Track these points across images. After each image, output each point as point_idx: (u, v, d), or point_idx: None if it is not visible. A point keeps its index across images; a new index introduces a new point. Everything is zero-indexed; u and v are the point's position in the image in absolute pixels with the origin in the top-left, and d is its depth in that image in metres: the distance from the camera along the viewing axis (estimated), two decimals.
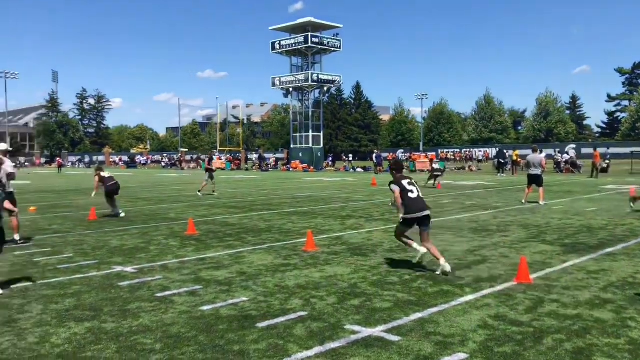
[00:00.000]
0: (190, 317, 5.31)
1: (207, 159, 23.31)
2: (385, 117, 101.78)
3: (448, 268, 6.99)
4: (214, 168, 22.32)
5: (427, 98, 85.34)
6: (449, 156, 64.31)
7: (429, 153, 58.89)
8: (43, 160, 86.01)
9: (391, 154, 67.64)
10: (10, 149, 10.39)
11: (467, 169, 46.73)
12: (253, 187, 26.08)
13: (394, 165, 7.92)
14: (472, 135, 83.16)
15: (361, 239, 9.94)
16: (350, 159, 58.06)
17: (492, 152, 59.18)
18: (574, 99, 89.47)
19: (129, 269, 7.52)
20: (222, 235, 10.60)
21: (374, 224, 12.08)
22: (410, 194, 7.37)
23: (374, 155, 45.77)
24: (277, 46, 56.88)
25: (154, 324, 5.08)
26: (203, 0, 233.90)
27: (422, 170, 43.71)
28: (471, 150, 68.43)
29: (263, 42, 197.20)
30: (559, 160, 40.81)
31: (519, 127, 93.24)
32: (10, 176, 9.78)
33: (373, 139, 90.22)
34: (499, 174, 36.46)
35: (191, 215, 13.79)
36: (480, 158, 61.53)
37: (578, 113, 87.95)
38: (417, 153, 60.97)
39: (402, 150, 74.30)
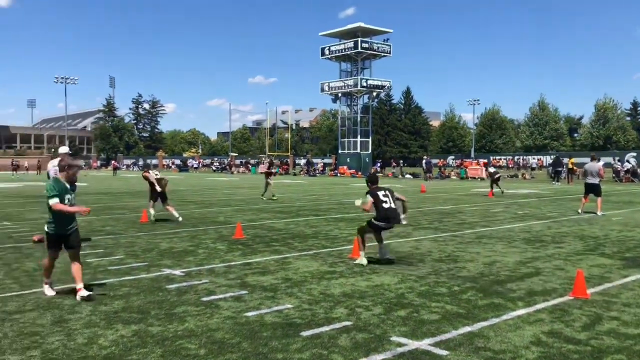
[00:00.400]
0: (234, 322, 5.29)
1: (267, 164, 23.43)
2: (435, 123, 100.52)
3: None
4: (273, 172, 22.38)
5: (479, 104, 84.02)
6: (500, 163, 62.81)
7: (480, 160, 57.67)
8: (99, 163, 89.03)
9: (441, 159, 66.68)
10: (70, 152, 10.74)
11: (520, 176, 45.49)
12: (300, 192, 26.15)
13: (369, 178, 8.87)
14: (526, 142, 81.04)
15: (409, 248, 9.76)
16: (401, 164, 57.41)
17: (547, 159, 57.47)
18: (634, 105, 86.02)
19: (177, 272, 7.60)
20: (269, 240, 10.62)
21: (422, 232, 11.86)
22: (384, 204, 8.22)
23: (424, 161, 45.16)
24: (327, 52, 57.06)
25: (199, 329, 5.09)
26: (255, 8, 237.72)
27: (474, 178, 42.84)
28: (524, 157, 66.68)
29: (313, 48, 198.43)
30: (619, 169, 39.16)
31: (575, 134, 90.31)
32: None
33: (423, 145, 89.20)
34: (553, 182, 35.32)
35: (239, 219, 13.92)
36: (534, 166, 59.84)
37: (639, 120, 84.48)
38: (469, 160, 59.86)
39: (452, 157, 73.20)
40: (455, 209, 17.45)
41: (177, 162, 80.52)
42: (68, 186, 6.42)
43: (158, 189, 13.53)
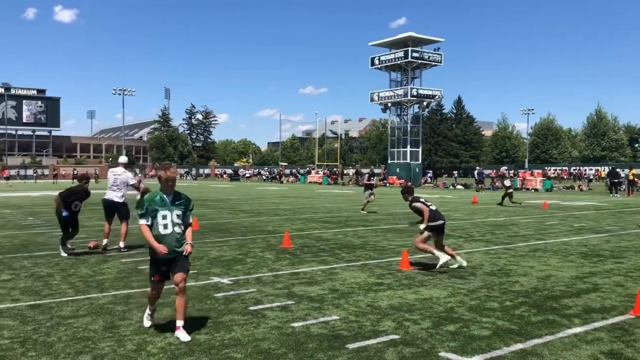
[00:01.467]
0: (280, 333, 5.28)
1: (366, 175, 21.94)
2: (487, 133, 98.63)
3: (463, 262, 8.72)
4: (374, 184, 21.55)
5: (533, 113, 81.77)
6: (556, 174, 60.89)
7: (535, 171, 56.05)
8: (154, 172, 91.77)
9: (493, 170, 65.22)
10: (128, 161, 11.07)
11: (576, 188, 43.93)
12: (349, 202, 26.07)
13: (406, 191, 9.47)
14: (584, 153, 78.35)
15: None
16: (456, 175, 56.40)
17: (605, 170, 55.35)
18: None
19: (225, 280, 7.67)
20: (316, 250, 10.60)
21: (473, 244, 11.58)
22: (431, 207, 8.93)
23: (476, 171, 44.27)
24: (377, 61, 56.97)
25: (245, 338, 5.10)
26: (307, 21, 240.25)
27: (528, 189, 41.69)
28: (581, 168, 64.42)
29: (363, 59, 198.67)
30: None
31: (637, 145, 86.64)
32: (137, 186, 10.41)
33: (474, 155, 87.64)
34: (611, 195, 33.91)
35: (288, 228, 13.97)
36: (591, 177, 57.71)
37: None
38: (522, 170, 58.32)
39: (505, 167, 71.52)
40: (508, 220, 16.98)
41: (229, 171, 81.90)
42: (167, 199, 5.17)
43: None
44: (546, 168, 65.61)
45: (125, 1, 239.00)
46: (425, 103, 57.89)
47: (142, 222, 5.15)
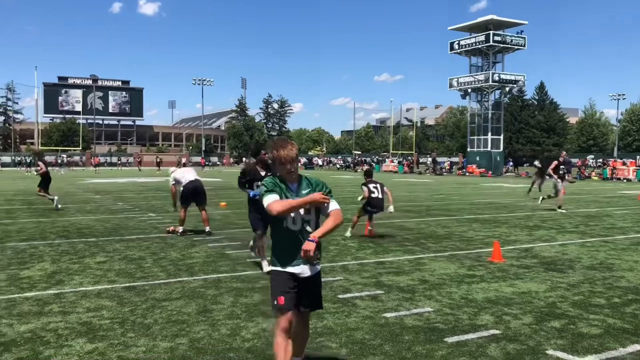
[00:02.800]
0: (373, 323, 5.11)
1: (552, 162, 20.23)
2: (572, 120, 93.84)
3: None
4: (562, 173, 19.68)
5: (624, 99, 76.93)
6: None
7: (626, 160, 52.79)
8: (232, 160, 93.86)
9: (580, 159, 61.98)
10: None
11: None
12: (428, 191, 25.51)
13: (365, 172, 11.06)
14: None
15: (554, 253, 8.98)
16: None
17: None
18: None
19: None
20: (400, 239, 10.34)
21: (567, 236, 10.92)
22: (372, 194, 10.37)
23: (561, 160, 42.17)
24: (456, 46, 55.36)
25: (338, 327, 4.97)
26: (382, 6, 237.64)
27: (619, 178, 39.30)
28: None
29: (440, 44, 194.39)
30: None
31: None
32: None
33: (558, 143, 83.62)
34: None
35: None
36: None
37: None
38: (611, 159, 55.09)
39: (592, 156, 67.81)
40: (601, 211, 15.97)
41: (303, 160, 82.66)
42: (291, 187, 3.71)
43: None
44: (639, 157, 61.59)
45: None
46: (507, 89, 55.74)
47: (273, 198, 3.53)
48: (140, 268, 7.47)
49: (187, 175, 10.68)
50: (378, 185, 10.50)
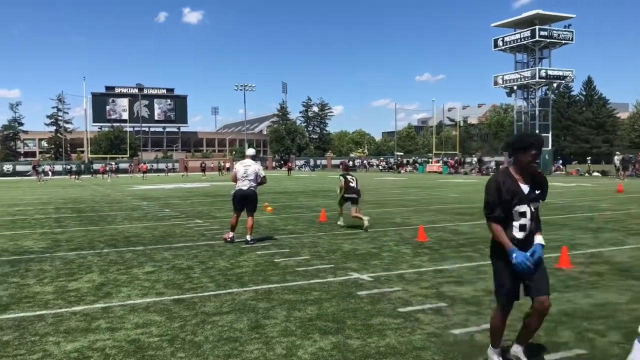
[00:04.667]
0: (441, 341, 4.67)
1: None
2: (623, 115, 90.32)
3: (366, 224, 11.71)
4: None
5: None
6: None
7: None
8: (274, 164, 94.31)
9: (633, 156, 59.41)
10: (255, 153, 11.01)
11: None
12: (477, 192, 24.69)
13: (344, 166, 13.30)
14: None
15: (628, 258, 8.30)
16: (589, 161, 51.95)
17: None
18: None
19: (365, 276, 7.19)
20: (456, 244, 9.81)
21: (638, 238, 10.16)
22: (350, 184, 12.37)
23: (616, 157, 40.44)
24: (500, 43, 54.00)
25: (402, 346, 4.55)
26: (423, 5, 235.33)
27: None
28: None
29: (483, 42, 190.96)
30: None
31: None
32: (263, 179, 10.35)
33: (608, 140, 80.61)
34: None
35: (418, 220, 13.28)
36: None
37: None
38: None
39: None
40: None
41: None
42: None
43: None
44: None
45: (244, 1, 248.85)
46: (554, 85, 53.91)
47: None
48: (188, 278, 7.22)
49: (240, 181, 10.29)
50: (355, 177, 12.73)
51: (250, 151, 10.94)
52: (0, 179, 64.37)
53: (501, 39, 54.05)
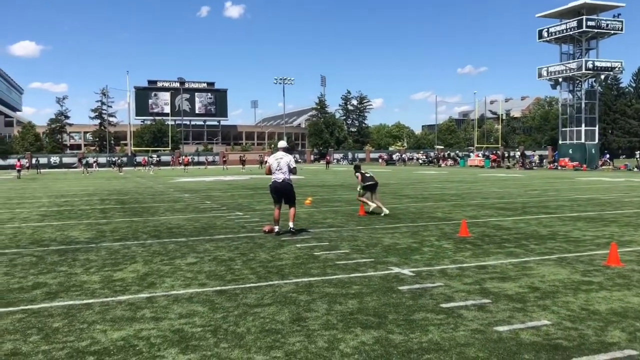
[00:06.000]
0: (485, 338, 4.57)
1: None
2: None
3: (386, 211, 13.22)
4: None
5: None
6: None
7: None
8: (313, 157, 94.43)
9: None
10: (287, 145, 11.05)
11: None
12: (520, 187, 24.18)
13: (355, 167, 14.35)
14: None
15: None
16: (638, 156, 50.17)
17: None
18: None
19: (406, 271, 7.12)
20: (499, 240, 9.62)
21: None
22: (366, 175, 13.53)
23: None
24: (545, 34, 52.59)
25: (445, 342, 4.48)
26: None
27: None
28: None
29: (527, 33, 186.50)
30: None
31: None
32: (293, 170, 10.39)
33: None
34: None
35: (460, 215, 13.09)
36: None
37: None
38: None
39: None
40: None
41: (384, 155, 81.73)
42: None
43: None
44: None
45: None
46: (602, 76, 52.21)
47: None
48: (230, 270, 7.29)
49: (274, 174, 10.37)
50: (369, 171, 14.01)
51: (282, 143, 11.00)
52: (47, 170, 66.57)
53: (546, 29, 52.63)
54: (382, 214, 13.11)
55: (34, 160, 65.78)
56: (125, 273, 7.21)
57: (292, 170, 10.40)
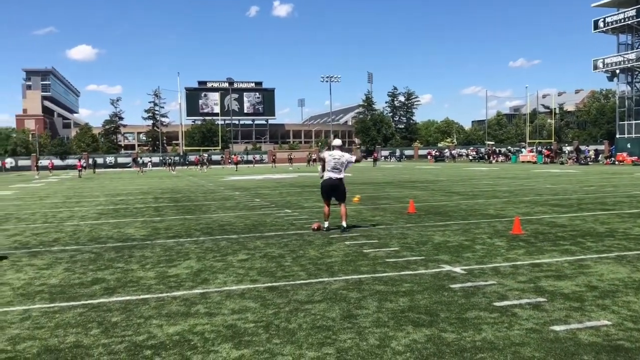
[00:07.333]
0: (541, 338, 4.46)
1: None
2: None
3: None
4: None
5: None
6: None
7: None
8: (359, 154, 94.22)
9: None
10: (341, 144, 11.05)
11: None
12: (575, 183, 23.42)
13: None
14: None
15: None
16: None
17: None
18: None
19: (457, 269, 7.02)
20: (554, 237, 9.34)
21: None
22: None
23: None
24: (601, 24, 50.72)
25: (499, 341, 4.39)
26: None
27: None
28: None
29: (582, 23, 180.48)
30: None
31: None
32: (349, 165, 10.51)
33: None
34: None
35: (512, 212, 12.79)
36: None
37: None
38: None
39: None
40: None
41: (433, 152, 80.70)
42: None
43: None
44: None
45: None
46: None
47: None
48: (280, 267, 7.37)
49: (329, 172, 10.43)
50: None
51: (337, 141, 11.00)
52: (103, 170, 68.96)
53: (602, 19, 50.76)
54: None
55: (90, 161, 68.25)
56: (180, 269, 7.39)
57: (347, 166, 10.51)
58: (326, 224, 10.52)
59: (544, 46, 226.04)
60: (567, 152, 57.03)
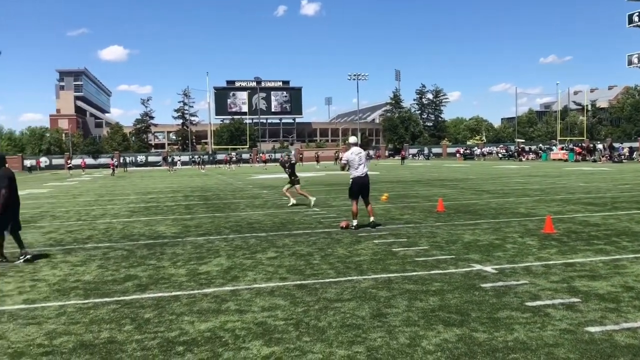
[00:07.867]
0: (575, 339, 4.38)
1: None
2: None
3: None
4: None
5: None
6: None
7: None
8: (387, 152, 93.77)
9: None
10: (358, 141, 11.17)
11: None
12: (609, 181, 22.90)
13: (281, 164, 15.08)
14: None
15: None
16: None
17: None
18: None
19: (488, 268, 6.93)
20: (587, 236, 9.16)
21: None
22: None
23: None
24: (636, 18, 49.50)
25: (532, 342, 4.33)
26: None
27: None
28: None
29: (615, 18, 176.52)
30: None
31: None
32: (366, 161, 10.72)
33: None
34: None
35: (544, 211, 12.59)
36: None
37: None
38: None
39: None
40: None
41: (462, 150, 79.84)
42: None
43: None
44: None
45: None
46: None
47: None
48: (309, 265, 7.39)
49: (354, 171, 10.50)
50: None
51: (354, 139, 11.19)
52: (134, 168, 70.07)
53: (637, 13, 49.51)
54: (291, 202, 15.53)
55: (121, 159, 69.45)
56: (210, 266, 7.47)
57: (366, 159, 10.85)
58: (355, 222, 10.52)
59: (576, 42, 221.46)
60: (600, 149, 55.82)
